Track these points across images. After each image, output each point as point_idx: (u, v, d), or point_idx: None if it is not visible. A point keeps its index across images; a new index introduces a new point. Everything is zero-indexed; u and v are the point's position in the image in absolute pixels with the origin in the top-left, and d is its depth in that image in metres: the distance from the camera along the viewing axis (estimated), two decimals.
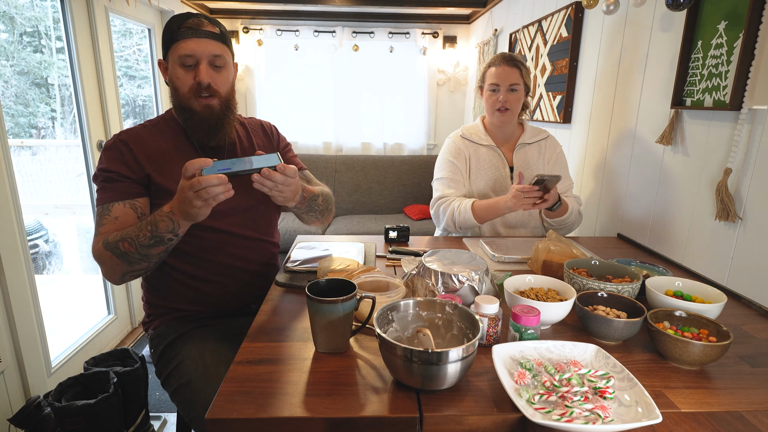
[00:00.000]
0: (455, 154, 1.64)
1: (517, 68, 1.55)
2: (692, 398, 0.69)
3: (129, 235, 0.95)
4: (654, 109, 1.50)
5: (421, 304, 0.81)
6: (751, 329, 0.93)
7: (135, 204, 1.05)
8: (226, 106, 1.10)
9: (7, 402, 1.62)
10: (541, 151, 1.67)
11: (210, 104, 1.07)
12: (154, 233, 0.93)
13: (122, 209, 1.04)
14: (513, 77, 1.55)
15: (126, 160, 1.06)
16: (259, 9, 3.78)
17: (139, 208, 1.06)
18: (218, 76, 1.07)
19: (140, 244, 0.94)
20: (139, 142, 1.09)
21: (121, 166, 1.05)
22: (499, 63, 1.56)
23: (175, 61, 1.04)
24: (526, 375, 0.68)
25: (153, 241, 0.94)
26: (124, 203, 1.04)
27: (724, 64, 1.18)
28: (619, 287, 0.93)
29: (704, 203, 1.27)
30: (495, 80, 1.56)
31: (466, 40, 4.12)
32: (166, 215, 0.92)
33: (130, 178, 1.06)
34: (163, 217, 0.92)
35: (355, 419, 0.64)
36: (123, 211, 1.03)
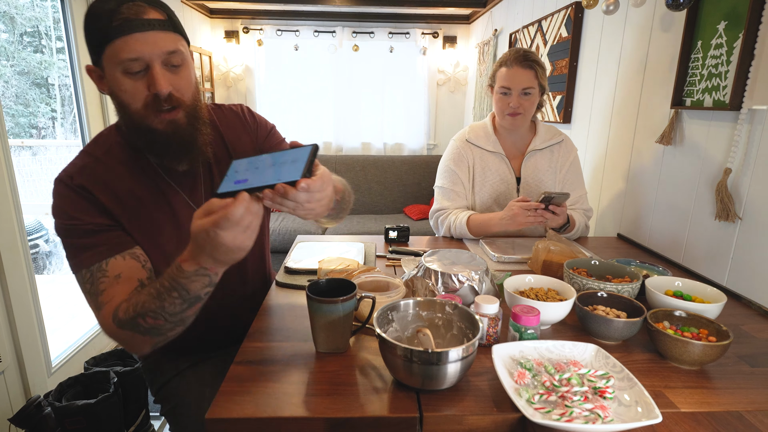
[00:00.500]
0: (457, 160, 1.52)
1: (532, 69, 1.39)
2: (692, 398, 0.69)
3: (149, 307, 0.72)
4: (654, 109, 1.50)
5: (421, 304, 0.81)
6: (750, 329, 0.93)
7: (135, 253, 0.84)
8: (193, 116, 0.84)
9: (7, 402, 1.62)
10: (553, 158, 1.52)
11: (174, 119, 0.81)
12: (186, 297, 0.71)
13: (123, 264, 0.81)
14: (526, 80, 1.40)
15: (94, 213, 0.82)
16: (259, 9, 3.78)
17: (141, 257, 0.84)
18: (178, 80, 0.81)
19: (171, 313, 0.73)
20: (101, 184, 0.84)
21: (92, 217, 0.82)
22: (511, 63, 1.40)
23: (116, 67, 0.76)
24: (526, 375, 0.68)
25: (187, 304, 0.73)
26: (123, 256, 0.82)
27: (724, 64, 1.18)
28: (619, 287, 0.93)
29: (704, 203, 1.27)
30: (506, 83, 1.41)
31: (466, 40, 4.12)
32: (195, 273, 0.69)
33: (112, 226, 0.83)
34: (190, 275, 0.69)
35: (355, 419, 0.64)
36: (125, 266, 0.81)
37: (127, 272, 0.80)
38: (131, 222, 0.86)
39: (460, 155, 1.53)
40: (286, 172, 0.63)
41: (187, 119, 0.83)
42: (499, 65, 1.44)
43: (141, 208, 0.87)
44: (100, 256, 0.80)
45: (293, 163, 0.64)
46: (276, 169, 0.64)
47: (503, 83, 1.42)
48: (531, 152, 1.52)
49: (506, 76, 1.41)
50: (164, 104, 0.79)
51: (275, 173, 0.64)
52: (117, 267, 0.80)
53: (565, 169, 1.53)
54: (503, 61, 1.43)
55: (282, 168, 0.64)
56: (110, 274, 0.79)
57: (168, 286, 0.71)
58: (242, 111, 1.06)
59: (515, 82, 1.40)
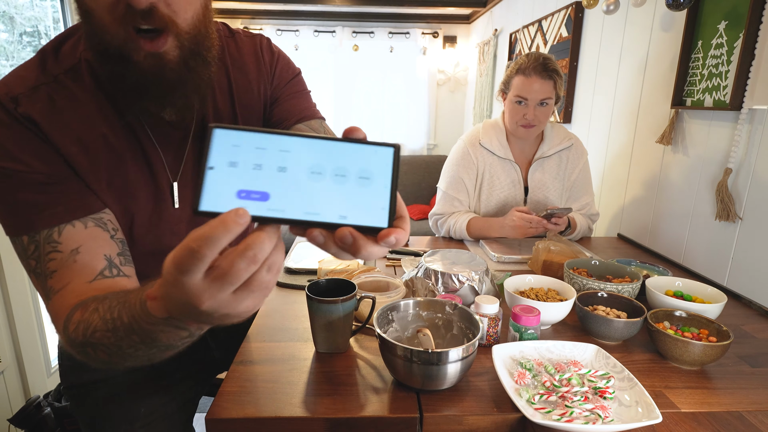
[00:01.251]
0: (466, 166, 1.46)
1: (552, 79, 1.32)
2: (692, 398, 0.69)
3: (101, 340, 0.49)
4: (654, 109, 1.50)
5: (421, 304, 0.81)
6: (751, 329, 0.93)
7: (102, 219, 0.61)
8: (193, 51, 0.58)
9: (7, 402, 1.62)
10: (561, 165, 1.47)
11: (158, 52, 0.55)
12: (152, 344, 0.46)
13: (83, 234, 0.58)
14: (545, 90, 1.31)
15: (46, 157, 0.59)
16: (259, 9, 3.78)
17: (109, 223, 0.63)
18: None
19: (131, 355, 0.49)
20: (58, 119, 0.60)
21: (44, 164, 0.58)
22: (530, 72, 1.31)
23: None
24: (526, 375, 0.68)
25: (156, 349, 0.48)
26: (84, 222, 0.59)
27: (725, 63, 1.18)
28: (619, 287, 0.93)
29: (704, 203, 1.27)
30: (523, 93, 1.32)
31: (466, 40, 4.12)
32: (166, 323, 0.42)
33: (69, 179, 0.60)
34: (158, 323, 0.42)
35: (355, 419, 0.64)
36: (86, 237, 0.58)
37: (88, 246, 0.57)
38: (98, 178, 0.62)
39: (468, 160, 1.47)
40: (350, 200, 0.34)
41: (180, 56, 0.56)
42: (516, 71, 1.35)
43: (114, 160, 0.63)
44: (50, 219, 0.57)
45: (363, 182, 0.35)
46: (325, 185, 0.34)
47: (520, 93, 1.34)
48: (539, 160, 1.47)
49: (523, 85, 1.32)
50: (142, 22, 0.52)
51: (327, 196, 0.34)
52: (74, 237, 0.57)
53: (575, 175, 1.48)
54: (521, 68, 1.33)
55: (338, 185, 0.34)
56: (64, 247, 0.56)
57: (127, 324, 0.46)
58: (260, 46, 0.79)
59: (533, 92, 1.32)
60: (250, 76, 0.76)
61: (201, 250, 0.31)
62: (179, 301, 0.36)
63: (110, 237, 0.61)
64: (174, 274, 0.33)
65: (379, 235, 0.34)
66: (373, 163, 0.35)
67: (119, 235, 0.63)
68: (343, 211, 0.34)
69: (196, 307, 0.34)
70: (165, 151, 0.69)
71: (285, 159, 0.34)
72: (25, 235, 0.57)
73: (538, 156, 1.46)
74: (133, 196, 0.67)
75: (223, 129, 0.34)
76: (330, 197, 0.34)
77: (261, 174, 0.34)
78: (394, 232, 0.34)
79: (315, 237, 0.34)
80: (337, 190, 0.34)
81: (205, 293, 0.33)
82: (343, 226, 0.34)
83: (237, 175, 0.33)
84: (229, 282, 0.33)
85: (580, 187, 1.49)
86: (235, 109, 0.75)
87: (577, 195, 1.50)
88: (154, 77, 0.56)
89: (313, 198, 0.34)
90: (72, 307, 0.54)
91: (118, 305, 0.48)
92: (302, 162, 0.34)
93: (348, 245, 0.34)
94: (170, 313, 0.40)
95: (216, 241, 0.31)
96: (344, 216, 0.34)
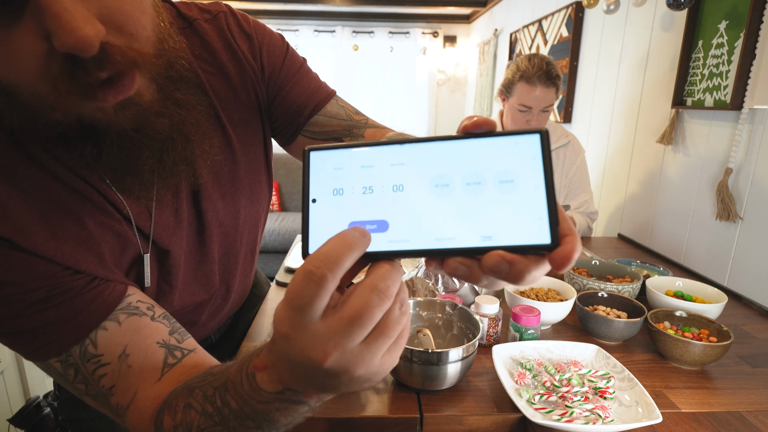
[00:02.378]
0: None
1: (554, 86, 1.33)
2: (692, 398, 0.69)
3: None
4: (655, 109, 1.50)
5: (421, 304, 0.81)
6: (751, 329, 0.93)
7: (130, 304, 0.48)
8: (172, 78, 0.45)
9: (6, 402, 1.62)
10: (559, 162, 1.48)
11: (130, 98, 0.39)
12: (266, 426, 0.38)
13: (119, 332, 0.46)
14: (548, 98, 1.33)
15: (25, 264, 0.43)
16: (259, 9, 3.78)
17: (142, 304, 0.49)
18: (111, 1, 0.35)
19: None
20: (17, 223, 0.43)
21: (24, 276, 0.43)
22: (535, 82, 1.31)
23: None
24: (527, 375, 0.68)
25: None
26: (115, 319, 0.47)
27: (725, 63, 1.18)
28: (619, 287, 0.93)
29: (705, 203, 1.27)
30: (528, 102, 1.33)
31: (466, 40, 4.12)
32: (280, 397, 0.35)
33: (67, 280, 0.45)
34: (273, 400, 0.35)
35: (355, 419, 0.64)
36: (123, 334, 0.46)
37: (134, 343, 0.47)
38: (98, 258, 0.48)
39: None
40: (493, 214, 0.26)
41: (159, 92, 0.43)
42: (520, 78, 1.33)
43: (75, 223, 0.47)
44: (75, 333, 0.45)
45: (506, 187, 0.27)
46: (456, 199, 0.27)
47: (524, 102, 1.33)
48: None
49: (528, 94, 1.32)
50: (99, 73, 0.35)
51: (462, 213, 0.27)
52: (114, 341, 0.46)
53: (572, 172, 1.49)
54: (525, 76, 1.32)
55: (474, 196, 0.27)
56: (108, 357, 0.46)
57: (237, 410, 0.38)
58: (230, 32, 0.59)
59: (537, 101, 1.32)
60: (233, 80, 0.59)
61: (320, 271, 0.24)
62: (296, 362, 0.28)
63: (151, 319, 0.49)
64: (288, 316, 0.26)
65: (551, 258, 0.25)
66: (516, 160, 0.27)
67: (159, 310, 0.50)
68: (487, 230, 0.26)
69: (318, 365, 0.27)
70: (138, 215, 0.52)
71: (400, 174, 0.27)
72: (56, 361, 0.45)
73: None
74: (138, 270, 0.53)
75: (320, 151, 0.28)
76: (466, 214, 0.26)
77: (374, 198, 0.27)
78: (571, 248, 0.25)
79: (456, 269, 0.27)
80: (475, 204, 0.26)
81: (329, 342, 0.26)
82: (491, 250, 0.25)
83: (346, 204, 0.28)
84: (359, 323, 0.26)
85: (578, 185, 1.50)
86: (226, 131, 0.59)
87: (575, 192, 1.51)
88: (140, 135, 0.42)
89: (444, 218, 0.26)
90: (154, 416, 0.44)
91: (218, 391, 0.40)
92: (422, 175, 0.27)
93: (504, 273, 0.26)
94: (285, 383, 0.33)
95: (338, 262, 0.25)
96: (489, 236, 0.26)
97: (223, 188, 0.60)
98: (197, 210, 0.58)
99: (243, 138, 0.61)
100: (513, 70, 1.37)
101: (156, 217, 0.53)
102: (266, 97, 0.64)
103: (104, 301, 0.46)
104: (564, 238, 0.26)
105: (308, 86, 0.66)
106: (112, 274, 0.49)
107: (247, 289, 0.81)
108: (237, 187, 0.62)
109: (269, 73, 0.63)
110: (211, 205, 0.59)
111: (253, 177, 0.64)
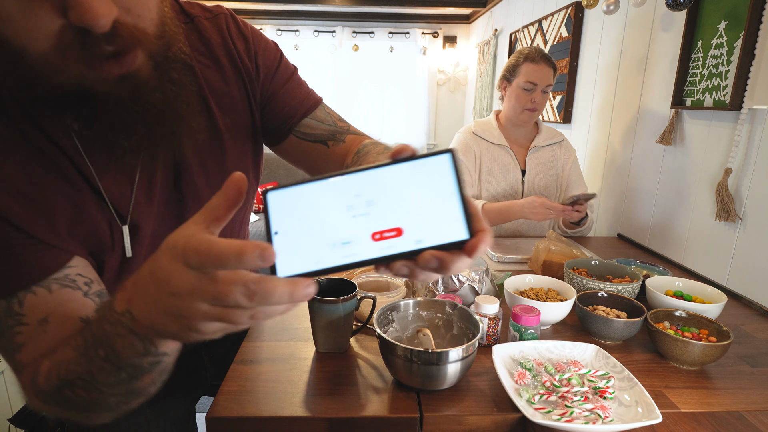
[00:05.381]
0: (464, 150, 1.54)
1: (553, 69, 1.46)
2: (692, 398, 0.69)
3: (75, 371, 0.43)
4: (654, 109, 1.50)
5: (421, 304, 0.81)
6: (751, 329, 0.93)
7: (69, 276, 0.51)
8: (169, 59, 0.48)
9: (7, 402, 1.62)
10: (555, 157, 1.58)
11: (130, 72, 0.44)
12: (117, 364, 0.40)
13: (49, 300, 0.49)
14: (549, 77, 1.46)
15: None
16: (259, 9, 3.78)
17: (80, 279, 0.52)
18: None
19: (106, 384, 0.43)
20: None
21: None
22: (539, 60, 1.44)
23: None
24: (526, 375, 0.68)
25: (125, 374, 0.42)
26: (48, 286, 0.49)
27: (725, 64, 1.18)
28: (619, 287, 0.93)
29: (704, 203, 1.27)
30: (533, 79, 1.44)
31: (466, 40, 4.12)
32: (126, 328, 0.37)
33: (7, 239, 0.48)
34: (120, 331, 0.38)
35: (355, 419, 0.64)
36: (53, 303, 0.49)
37: (58, 313, 0.48)
38: (51, 227, 0.51)
39: (467, 145, 1.55)
40: (422, 221, 0.33)
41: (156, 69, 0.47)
42: (525, 59, 1.45)
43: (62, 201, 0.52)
44: (5, 289, 0.48)
45: (429, 198, 0.33)
46: (392, 213, 0.33)
47: (530, 78, 1.43)
48: (535, 147, 1.56)
49: (534, 71, 1.43)
50: (107, 47, 0.40)
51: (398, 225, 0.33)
52: (39, 307, 0.48)
53: (568, 168, 1.58)
54: (528, 56, 1.44)
55: (405, 209, 0.33)
56: (30, 319, 0.48)
57: (94, 336, 0.41)
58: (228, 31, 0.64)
59: (542, 78, 1.43)
60: (226, 73, 0.63)
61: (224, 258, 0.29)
62: (152, 280, 0.33)
63: (83, 295, 0.50)
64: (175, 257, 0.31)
65: (465, 248, 0.32)
66: (433, 176, 0.33)
67: (95, 287, 0.52)
68: (419, 236, 0.32)
69: (166, 288, 0.32)
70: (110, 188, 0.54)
71: (346, 200, 0.33)
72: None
73: (535, 144, 1.57)
74: (96, 242, 0.55)
75: (276, 190, 0.34)
76: (401, 225, 0.33)
77: (328, 223, 0.33)
78: (479, 240, 0.32)
79: (399, 270, 0.33)
80: (406, 215, 0.33)
81: (187, 285, 0.31)
82: (424, 251, 0.32)
83: (304, 231, 0.33)
84: (214, 295, 0.30)
85: (575, 180, 1.59)
86: (216, 120, 0.62)
87: (573, 188, 1.58)
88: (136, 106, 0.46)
89: (385, 230, 0.33)
90: (38, 367, 0.46)
91: (87, 324, 0.44)
92: (364, 197, 0.33)
93: (435, 268, 0.32)
94: (130, 303, 0.36)
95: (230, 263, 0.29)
96: (420, 240, 0.32)
97: (209, 176, 0.63)
98: (178, 192, 0.61)
99: (232, 129, 0.65)
100: (516, 56, 1.50)
101: (136, 191, 0.56)
102: (260, 98, 0.68)
103: (40, 266, 0.49)
104: (476, 233, 0.32)
105: (300, 91, 0.72)
106: (61, 241, 0.51)
107: None
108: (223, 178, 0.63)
109: (264, 75, 0.67)
110: (192, 190, 0.61)
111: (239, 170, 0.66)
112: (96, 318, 0.42)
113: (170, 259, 0.31)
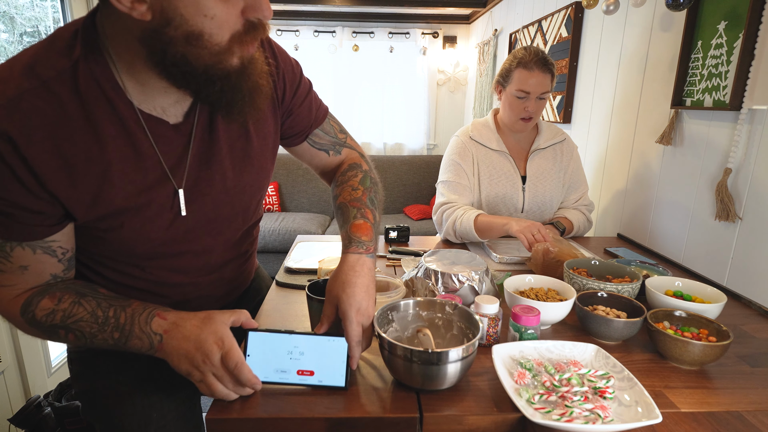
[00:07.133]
0: (461, 153, 1.48)
1: (550, 73, 1.37)
2: (692, 398, 0.69)
3: (81, 328, 0.64)
4: (654, 109, 1.50)
5: (421, 304, 0.81)
6: (750, 329, 0.93)
7: (50, 247, 0.64)
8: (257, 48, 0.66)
9: (7, 402, 1.62)
10: (556, 158, 1.52)
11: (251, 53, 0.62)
12: (119, 347, 0.65)
13: (31, 257, 0.63)
14: (545, 84, 1.36)
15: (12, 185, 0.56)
16: None
17: (59, 250, 0.65)
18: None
19: (98, 344, 0.65)
20: (41, 134, 0.55)
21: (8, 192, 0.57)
22: (532, 67, 1.34)
23: None
24: (526, 375, 0.68)
25: (116, 346, 0.66)
26: (33, 248, 0.63)
27: (724, 64, 1.18)
28: (619, 287, 0.93)
29: (704, 203, 1.27)
30: (526, 87, 1.35)
31: (466, 40, 4.12)
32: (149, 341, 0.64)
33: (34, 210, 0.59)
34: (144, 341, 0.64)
35: (355, 419, 0.64)
36: (33, 260, 0.64)
37: (36, 267, 0.64)
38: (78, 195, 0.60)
39: (464, 148, 1.49)
40: (325, 366, 0.68)
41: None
42: (518, 65, 1.36)
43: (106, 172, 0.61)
44: (6, 234, 0.60)
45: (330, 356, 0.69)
46: (311, 359, 0.68)
47: (523, 87, 1.35)
48: (535, 151, 1.50)
49: (527, 79, 1.35)
50: (261, 33, 0.60)
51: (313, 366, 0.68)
52: (23, 258, 0.63)
53: (571, 169, 1.53)
54: (522, 62, 1.35)
55: (318, 359, 0.68)
56: (13, 261, 0.63)
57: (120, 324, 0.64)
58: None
59: (536, 87, 1.35)
60: None
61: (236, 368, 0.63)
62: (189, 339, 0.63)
63: (57, 260, 0.66)
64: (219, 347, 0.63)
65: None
66: (336, 347, 0.68)
67: (69, 254, 0.68)
68: (321, 377, 0.68)
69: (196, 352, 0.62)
70: (166, 156, 0.66)
71: (289, 348, 0.68)
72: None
73: (534, 148, 1.50)
74: (135, 209, 0.65)
75: (255, 332, 0.68)
76: (314, 369, 0.68)
77: (276, 358, 0.67)
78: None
79: None
80: (318, 364, 0.68)
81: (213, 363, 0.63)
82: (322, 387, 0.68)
83: (263, 358, 0.67)
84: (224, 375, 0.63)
85: (576, 180, 1.55)
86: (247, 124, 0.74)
87: (575, 187, 1.55)
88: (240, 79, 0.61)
89: (305, 366, 0.68)
90: (30, 295, 0.65)
91: (114, 307, 0.65)
92: (299, 349, 0.68)
93: None
94: (167, 333, 0.63)
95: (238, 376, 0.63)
96: (321, 380, 0.68)
97: (235, 160, 0.74)
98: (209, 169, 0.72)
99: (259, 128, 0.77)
100: (510, 59, 1.40)
101: (190, 160, 0.70)
102: (284, 112, 0.81)
103: (32, 234, 0.62)
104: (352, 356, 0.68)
105: (314, 108, 0.87)
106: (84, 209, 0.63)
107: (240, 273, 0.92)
108: (245, 165, 0.76)
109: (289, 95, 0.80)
110: (219, 168, 0.72)
111: (261, 163, 0.79)
112: (129, 314, 0.64)
113: (214, 343, 0.63)
